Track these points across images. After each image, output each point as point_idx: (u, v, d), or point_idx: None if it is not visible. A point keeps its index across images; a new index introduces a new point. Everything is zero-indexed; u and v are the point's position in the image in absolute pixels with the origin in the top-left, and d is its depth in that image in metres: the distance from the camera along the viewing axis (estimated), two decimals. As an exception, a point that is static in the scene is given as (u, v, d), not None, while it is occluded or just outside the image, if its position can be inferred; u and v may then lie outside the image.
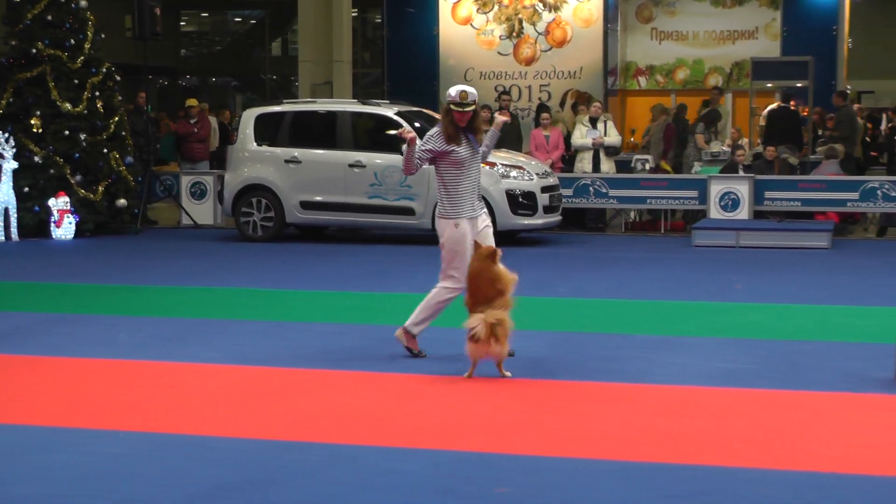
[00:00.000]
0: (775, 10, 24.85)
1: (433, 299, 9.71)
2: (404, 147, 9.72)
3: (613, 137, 20.57)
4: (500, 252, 9.40)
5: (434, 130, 9.69)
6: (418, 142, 9.67)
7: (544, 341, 10.54)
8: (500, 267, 9.31)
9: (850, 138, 21.78)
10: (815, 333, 11.02)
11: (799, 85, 23.85)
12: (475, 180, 9.77)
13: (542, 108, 22.24)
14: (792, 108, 21.91)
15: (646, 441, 7.30)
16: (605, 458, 6.97)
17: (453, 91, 9.67)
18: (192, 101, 22.93)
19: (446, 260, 9.68)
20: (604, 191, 19.69)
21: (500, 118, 10.27)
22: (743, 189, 19.03)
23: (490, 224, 9.95)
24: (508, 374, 9.12)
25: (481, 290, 9.11)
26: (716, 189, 19.11)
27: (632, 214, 20.94)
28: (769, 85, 24.49)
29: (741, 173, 19.54)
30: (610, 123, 20.75)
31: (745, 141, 22.64)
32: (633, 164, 21.02)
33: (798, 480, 6.54)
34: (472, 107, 9.66)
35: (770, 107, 22.39)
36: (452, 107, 9.59)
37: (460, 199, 9.62)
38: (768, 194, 19.14)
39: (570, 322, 11.65)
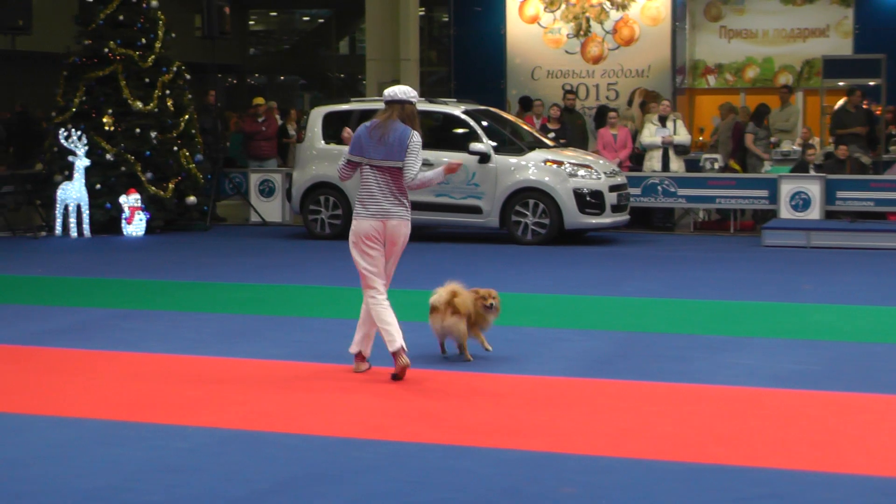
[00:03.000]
0: (847, 8, 24.55)
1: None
2: (439, 171, 9.22)
3: (683, 136, 20.43)
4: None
5: (417, 136, 9.09)
6: (420, 154, 9.14)
7: (610, 341, 10.49)
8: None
9: None
10: (885, 335, 10.87)
11: (871, 83, 23.54)
12: None
13: (604, 109, 22.15)
14: (864, 106, 21.64)
15: (712, 442, 7.24)
16: (670, 459, 6.91)
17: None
18: (260, 100, 23.04)
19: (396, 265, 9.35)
20: (672, 190, 19.56)
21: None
22: (814, 189, 18.83)
23: None
24: (471, 357, 9.47)
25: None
26: (786, 189, 18.92)
27: (700, 214, 20.78)
28: (840, 83, 24.19)
29: (812, 173, 19.33)
30: (679, 122, 20.61)
31: (815, 140, 22.39)
32: (701, 164, 20.85)
33: (867, 485, 6.46)
34: None
35: (839, 103, 22.13)
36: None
37: None
38: (840, 194, 18.91)
39: (636, 322, 11.58)
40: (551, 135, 19.85)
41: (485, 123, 18.00)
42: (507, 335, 10.33)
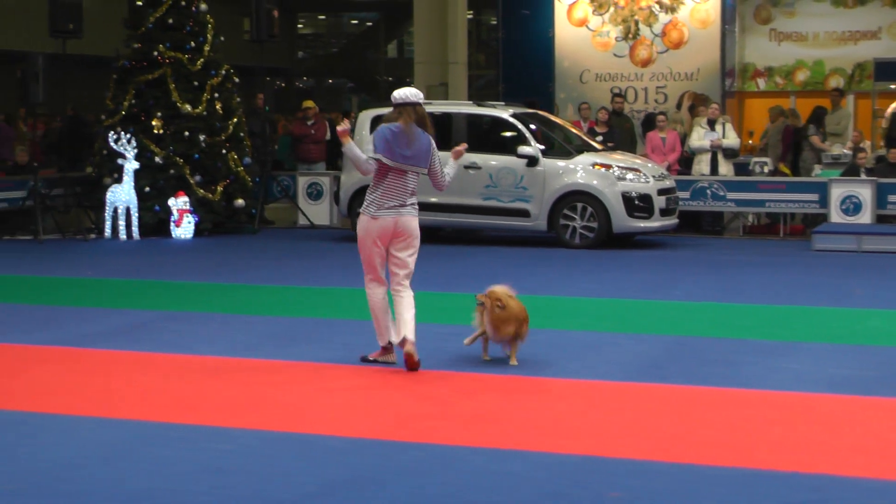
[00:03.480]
0: (899, 10, 24.36)
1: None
2: (451, 163, 9.73)
3: (732, 139, 20.32)
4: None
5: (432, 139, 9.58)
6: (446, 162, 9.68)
7: (659, 344, 10.44)
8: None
9: None
10: (937, 340, 10.77)
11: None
12: None
13: (651, 116, 22.05)
14: None
15: (761, 448, 7.18)
16: (719, 464, 6.86)
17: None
18: (309, 103, 23.10)
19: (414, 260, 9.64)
20: (721, 193, 19.45)
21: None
22: (865, 192, 18.67)
23: None
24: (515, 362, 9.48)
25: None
26: (837, 192, 18.77)
27: (750, 218, 20.65)
28: (892, 86, 23.98)
29: (863, 176, 19.17)
30: (728, 125, 20.49)
31: (867, 143, 22.20)
32: (751, 167, 20.73)
33: (919, 490, 6.39)
34: None
35: (892, 106, 21.94)
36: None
37: None
38: (891, 198, 18.74)
39: (685, 326, 11.51)
40: (599, 138, 19.79)
41: (533, 126, 17.96)
42: (555, 339, 10.29)
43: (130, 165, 18.85)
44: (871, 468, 6.79)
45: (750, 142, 24.15)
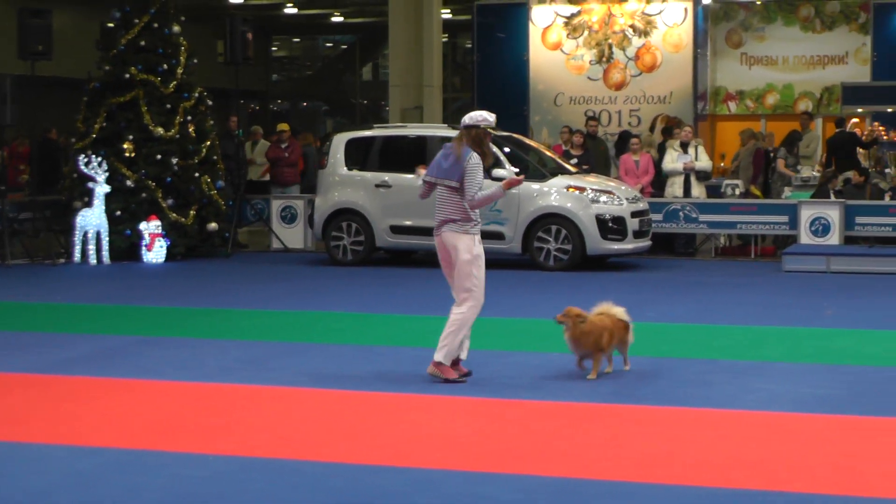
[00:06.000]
0: (865, 35, 24.56)
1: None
2: (498, 186, 9.86)
3: (704, 162, 20.41)
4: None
5: (476, 157, 9.69)
6: (479, 174, 9.74)
7: (633, 366, 10.45)
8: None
9: None
10: (908, 361, 10.83)
11: (889, 110, 23.52)
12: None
13: (626, 135, 22.16)
14: (849, 130, 21.79)
15: (735, 467, 7.20)
16: (694, 484, 6.88)
17: (490, 117, 9.84)
18: (283, 126, 23.06)
19: (467, 276, 9.74)
20: (694, 216, 19.54)
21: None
22: (834, 214, 18.80)
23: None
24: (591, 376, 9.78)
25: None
26: (806, 214, 18.90)
27: (722, 239, 20.75)
28: (859, 110, 24.18)
29: (832, 198, 19.29)
30: (700, 148, 20.59)
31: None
32: (723, 189, 20.83)
33: (891, 511, 6.42)
34: None
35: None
36: (491, 131, 9.86)
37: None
38: (859, 219, 18.91)
39: (658, 347, 11.54)
40: (574, 161, 19.85)
41: (507, 150, 17.99)
42: (531, 361, 10.30)
43: (101, 189, 18.74)
44: (843, 486, 6.82)
45: (722, 164, 24.27)
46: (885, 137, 22.85)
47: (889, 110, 23.27)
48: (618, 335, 10.00)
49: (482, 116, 9.79)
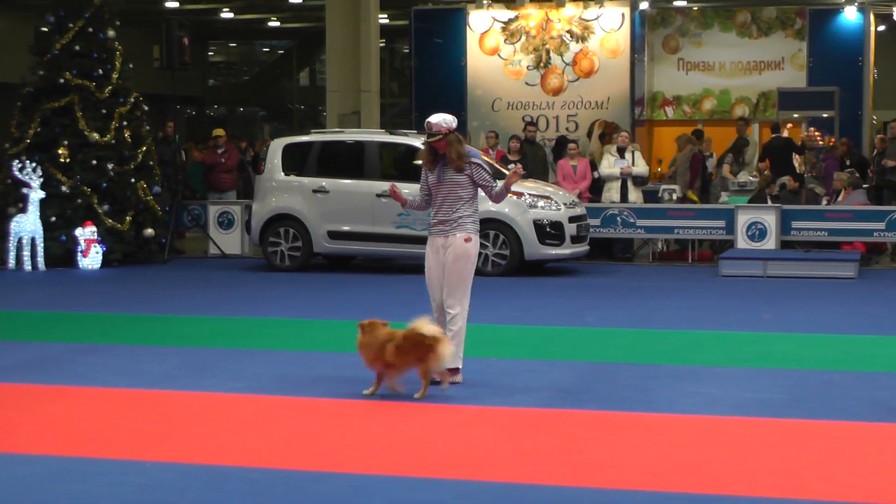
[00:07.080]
0: (801, 41, 24.82)
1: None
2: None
3: (641, 167, 20.54)
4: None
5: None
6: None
7: (572, 371, 10.48)
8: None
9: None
10: (842, 363, 10.93)
11: (825, 115, 23.79)
12: (440, 203, 9.98)
13: (563, 140, 22.25)
14: (784, 136, 22.08)
15: (675, 471, 7.24)
16: (633, 488, 6.90)
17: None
18: (220, 131, 22.97)
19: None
20: (631, 220, 19.65)
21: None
22: (770, 219, 18.97)
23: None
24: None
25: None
26: (743, 219, 19.06)
27: (659, 244, 20.88)
28: (795, 115, 24.44)
29: (769, 203, 19.47)
30: (637, 153, 20.72)
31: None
32: (660, 194, 20.98)
33: (830, 513, 6.47)
34: (437, 137, 9.84)
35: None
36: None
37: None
38: (795, 224, 19.09)
39: (598, 352, 11.59)
40: (512, 166, 19.85)
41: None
42: (471, 366, 10.29)
43: (35, 195, 18.55)
44: (782, 489, 6.87)
45: (659, 169, 24.44)
46: (820, 143, 23.09)
47: (824, 115, 23.53)
48: (413, 354, 9.21)
49: (452, 118, 9.86)
